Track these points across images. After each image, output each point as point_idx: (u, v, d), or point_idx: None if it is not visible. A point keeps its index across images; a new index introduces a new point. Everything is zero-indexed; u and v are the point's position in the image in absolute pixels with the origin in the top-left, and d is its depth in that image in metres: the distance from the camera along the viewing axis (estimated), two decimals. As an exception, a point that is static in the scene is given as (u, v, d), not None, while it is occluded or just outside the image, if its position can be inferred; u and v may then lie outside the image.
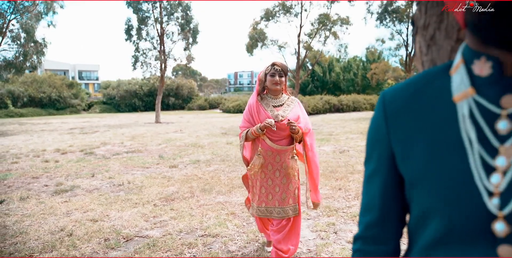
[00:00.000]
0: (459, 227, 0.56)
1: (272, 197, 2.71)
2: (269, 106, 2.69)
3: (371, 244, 0.72)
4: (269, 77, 2.64)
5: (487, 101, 0.55)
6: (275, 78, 2.62)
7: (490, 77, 0.55)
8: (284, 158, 2.67)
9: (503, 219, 0.52)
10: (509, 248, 0.52)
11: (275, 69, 2.62)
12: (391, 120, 0.66)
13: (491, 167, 0.53)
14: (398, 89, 0.67)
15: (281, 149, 2.64)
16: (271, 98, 2.73)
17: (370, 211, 0.71)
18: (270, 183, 2.70)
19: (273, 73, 2.62)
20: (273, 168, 2.68)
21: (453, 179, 0.56)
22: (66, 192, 5.15)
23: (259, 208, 2.76)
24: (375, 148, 0.69)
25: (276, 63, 2.65)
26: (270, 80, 2.64)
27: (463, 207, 0.55)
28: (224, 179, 5.78)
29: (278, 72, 2.62)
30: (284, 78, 2.67)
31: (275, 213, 2.72)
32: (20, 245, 3.33)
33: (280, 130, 2.63)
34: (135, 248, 3.25)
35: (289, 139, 2.71)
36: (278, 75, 2.62)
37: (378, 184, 0.70)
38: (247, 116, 2.73)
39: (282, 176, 2.69)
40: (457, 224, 0.56)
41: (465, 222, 0.55)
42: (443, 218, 0.57)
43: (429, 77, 0.64)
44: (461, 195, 0.55)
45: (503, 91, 0.54)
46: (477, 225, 0.54)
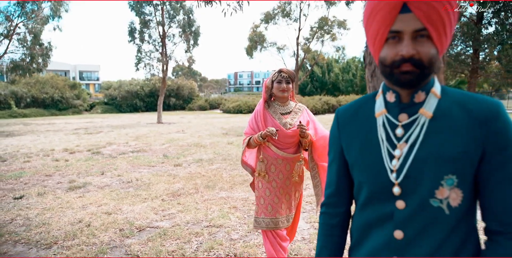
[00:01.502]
0: (376, 191, 0.94)
1: (280, 206, 2.67)
2: (277, 113, 2.66)
3: (331, 208, 1.11)
4: (276, 84, 2.60)
5: (392, 117, 0.94)
6: (282, 85, 2.57)
7: (394, 102, 0.94)
8: (291, 165, 2.65)
9: (397, 185, 0.90)
10: (402, 202, 0.90)
11: (282, 76, 2.57)
12: (341, 128, 1.05)
13: (392, 155, 0.92)
14: (346, 108, 1.07)
15: (287, 156, 2.63)
16: (278, 105, 2.69)
17: (330, 186, 1.10)
18: (276, 188, 2.67)
19: (280, 80, 2.58)
20: (279, 175, 2.66)
21: (373, 163, 0.95)
22: (79, 188, 5.53)
23: (264, 219, 2.69)
24: (332, 146, 1.09)
25: (283, 70, 2.60)
26: (277, 87, 2.60)
27: (378, 179, 0.93)
28: (226, 176, 6.17)
29: (285, 79, 2.57)
30: (291, 84, 2.61)
31: (280, 223, 2.69)
32: (45, 234, 3.72)
33: (288, 137, 2.60)
34: (148, 237, 3.63)
35: (296, 147, 2.69)
36: (285, 82, 2.57)
37: (335, 168, 1.08)
38: (253, 123, 2.70)
39: (288, 182, 2.67)
40: (375, 189, 0.94)
41: (379, 188, 0.93)
42: (369, 186, 0.96)
43: (364, 100, 1.03)
44: (377, 172, 0.94)
45: (400, 111, 0.93)
46: (385, 189, 0.92)
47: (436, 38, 0.84)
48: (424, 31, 0.83)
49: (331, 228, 1.10)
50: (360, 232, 1.00)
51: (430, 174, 0.87)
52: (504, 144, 0.85)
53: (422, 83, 0.88)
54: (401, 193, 0.90)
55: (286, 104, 2.70)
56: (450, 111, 0.89)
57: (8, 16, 14.87)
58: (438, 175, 0.86)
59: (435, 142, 0.88)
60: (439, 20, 0.83)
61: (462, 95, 0.92)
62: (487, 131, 0.85)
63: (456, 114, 0.89)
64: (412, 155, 0.89)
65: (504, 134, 0.85)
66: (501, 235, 0.86)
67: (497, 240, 0.86)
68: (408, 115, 0.92)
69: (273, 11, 17.17)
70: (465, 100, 0.90)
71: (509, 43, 10.87)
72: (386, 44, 0.88)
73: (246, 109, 28.80)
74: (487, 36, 11.44)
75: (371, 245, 0.96)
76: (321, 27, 17.54)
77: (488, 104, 0.87)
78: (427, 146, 0.88)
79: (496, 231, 0.87)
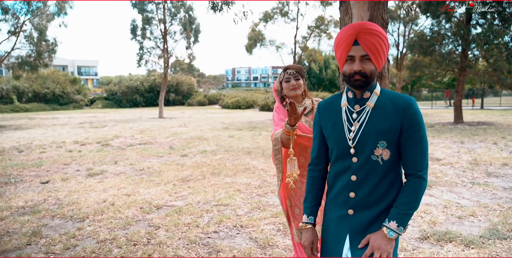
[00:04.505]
0: (340, 152, 1.55)
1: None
2: None
3: (315, 166, 1.71)
4: (285, 84, 2.34)
5: (350, 107, 1.54)
6: (291, 82, 2.31)
7: (352, 98, 1.55)
8: None
9: (353, 148, 1.51)
10: (355, 158, 1.51)
11: (289, 73, 2.33)
12: (321, 114, 1.65)
13: (350, 130, 1.53)
14: (324, 101, 1.67)
15: None
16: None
17: (314, 152, 1.71)
18: None
19: (288, 78, 2.33)
20: None
21: (339, 135, 1.55)
22: (97, 175, 6.14)
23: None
24: (315, 125, 1.69)
25: (289, 66, 2.37)
26: (287, 87, 2.33)
27: (341, 145, 1.54)
28: (230, 165, 6.79)
29: (293, 75, 2.32)
30: (301, 80, 2.34)
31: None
32: (76, 211, 4.32)
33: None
34: (166, 213, 4.24)
35: None
36: (294, 78, 2.32)
37: (317, 140, 1.69)
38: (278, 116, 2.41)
39: None
40: (340, 151, 1.55)
41: (342, 150, 1.54)
42: (337, 149, 1.56)
43: (335, 96, 1.64)
44: (341, 140, 1.54)
45: (355, 103, 1.53)
46: (345, 150, 1.53)
47: (374, 60, 1.45)
48: (367, 56, 1.44)
49: (315, 179, 1.71)
50: (332, 178, 1.61)
51: (371, 140, 1.47)
52: (412, 123, 1.45)
53: (367, 87, 1.49)
54: (355, 153, 1.51)
55: (302, 103, 2.37)
56: (384, 103, 1.50)
57: (15, 13, 15.35)
58: (375, 141, 1.47)
59: (374, 121, 1.48)
60: (375, 50, 1.43)
61: (392, 93, 1.52)
62: (403, 115, 1.46)
63: (387, 105, 1.49)
64: (361, 129, 1.49)
65: (413, 117, 1.45)
66: (411, 176, 1.47)
67: (409, 179, 1.47)
68: (359, 105, 1.52)
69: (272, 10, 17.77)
70: (393, 96, 1.51)
71: (495, 43, 11.50)
72: (346, 63, 1.48)
73: (244, 105, 29.38)
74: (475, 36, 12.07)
75: (338, 186, 1.57)
76: (317, 26, 18.15)
77: (406, 99, 1.48)
78: (369, 124, 1.49)
79: (409, 173, 1.48)
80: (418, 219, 3.92)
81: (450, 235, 3.40)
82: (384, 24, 1.99)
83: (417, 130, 1.46)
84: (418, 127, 1.46)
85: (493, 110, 23.87)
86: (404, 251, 3.15)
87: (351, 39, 1.44)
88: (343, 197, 1.55)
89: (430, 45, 13.50)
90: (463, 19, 12.66)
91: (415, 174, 1.46)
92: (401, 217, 1.43)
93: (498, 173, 5.94)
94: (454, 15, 12.90)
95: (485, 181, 5.50)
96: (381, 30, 1.46)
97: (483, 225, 3.71)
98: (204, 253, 3.18)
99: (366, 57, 1.44)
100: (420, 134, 1.46)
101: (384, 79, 1.94)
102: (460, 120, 14.31)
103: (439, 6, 12.67)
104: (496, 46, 11.36)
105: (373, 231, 1.48)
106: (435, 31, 14.00)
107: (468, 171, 6.16)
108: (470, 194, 4.85)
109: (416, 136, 1.46)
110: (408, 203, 1.44)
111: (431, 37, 13.74)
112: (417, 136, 1.46)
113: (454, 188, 5.15)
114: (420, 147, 1.46)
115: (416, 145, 1.46)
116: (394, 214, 1.44)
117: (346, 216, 1.53)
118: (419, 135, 1.46)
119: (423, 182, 1.46)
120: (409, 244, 3.29)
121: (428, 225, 3.73)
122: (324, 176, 1.72)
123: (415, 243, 3.33)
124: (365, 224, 1.50)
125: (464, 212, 4.11)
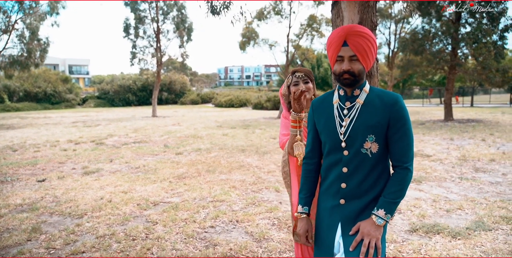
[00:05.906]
0: (332, 146, 1.66)
1: None
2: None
3: (309, 159, 1.82)
4: (293, 88, 2.20)
5: (342, 103, 1.66)
6: (300, 86, 2.18)
7: (343, 95, 1.66)
8: None
9: (344, 141, 1.62)
10: (346, 151, 1.62)
11: (297, 76, 2.21)
12: (314, 110, 1.76)
13: (341, 125, 1.64)
14: (317, 99, 1.78)
15: None
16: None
17: (308, 146, 1.82)
18: None
19: (296, 82, 2.20)
20: None
21: (331, 130, 1.66)
22: (93, 173, 6.19)
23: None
24: (309, 121, 1.80)
25: (297, 69, 2.25)
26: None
27: (333, 139, 1.65)
28: (224, 163, 6.88)
29: (302, 79, 2.20)
30: (310, 83, 2.21)
31: None
32: (74, 208, 4.39)
33: None
34: (163, 209, 4.33)
35: None
36: (303, 81, 2.20)
37: (311, 134, 1.80)
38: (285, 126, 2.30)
39: None
40: (332, 145, 1.66)
41: (334, 144, 1.65)
42: (329, 143, 1.67)
43: (328, 94, 1.75)
44: (333, 135, 1.65)
45: (346, 100, 1.64)
46: (337, 144, 1.64)
47: (362, 60, 1.56)
48: (355, 56, 1.54)
49: (309, 172, 1.82)
50: (325, 170, 1.72)
51: (360, 135, 1.58)
52: (399, 118, 1.56)
53: (356, 85, 1.60)
54: (346, 146, 1.62)
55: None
56: (373, 100, 1.61)
57: (5, 11, 15.24)
58: (365, 135, 1.58)
59: (364, 117, 1.59)
60: (363, 50, 1.54)
61: (380, 91, 1.64)
62: (391, 111, 1.57)
63: (376, 102, 1.60)
64: (352, 125, 1.60)
65: (400, 113, 1.57)
66: (397, 167, 1.58)
67: (396, 170, 1.59)
68: (350, 102, 1.63)
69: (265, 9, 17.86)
70: (381, 94, 1.62)
71: (484, 42, 11.73)
72: (336, 63, 1.59)
73: (237, 103, 29.43)
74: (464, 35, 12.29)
75: (331, 177, 1.68)
76: (309, 25, 18.30)
77: (393, 96, 1.59)
78: (359, 119, 1.60)
79: (396, 165, 1.59)
80: (408, 212, 4.06)
81: (438, 227, 3.54)
82: (373, 26, 2.11)
83: (403, 125, 1.57)
84: (404, 121, 1.57)
85: (483, 108, 24.25)
86: (394, 243, 3.28)
87: (341, 41, 1.54)
88: (335, 188, 1.66)
89: (421, 44, 13.71)
90: (453, 18, 12.88)
91: (402, 166, 1.58)
92: (389, 206, 1.54)
93: (486, 169, 6.12)
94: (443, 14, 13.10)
95: (472, 176, 5.67)
96: (369, 33, 1.57)
97: (469, 218, 3.86)
98: (202, 246, 3.28)
99: (355, 57, 1.55)
100: (406, 128, 1.57)
101: (373, 77, 2.06)
102: (450, 117, 14.56)
103: (430, 5, 12.87)
104: (484, 45, 11.59)
105: (363, 219, 1.59)
106: (426, 29, 14.22)
107: (456, 166, 6.34)
108: (458, 188, 5.01)
109: (402, 130, 1.57)
110: (395, 192, 1.56)
111: (423, 35, 13.94)
112: (403, 130, 1.57)
113: (443, 183, 5.31)
114: (406, 141, 1.58)
115: (403, 139, 1.57)
116: (382, 203, 1.55)
117: (338, 206, 1.64)
118: (405, 129, 1.57)
119: (409, 173, 1.57)
120: (399, 236, 3.43)
121: (418, 218, 3.87)
122: (318, 169, 1.82)
123: (405, 235, 3.46)
124: (355, 212, 1.61)
125: (452, 205, 4.26)
